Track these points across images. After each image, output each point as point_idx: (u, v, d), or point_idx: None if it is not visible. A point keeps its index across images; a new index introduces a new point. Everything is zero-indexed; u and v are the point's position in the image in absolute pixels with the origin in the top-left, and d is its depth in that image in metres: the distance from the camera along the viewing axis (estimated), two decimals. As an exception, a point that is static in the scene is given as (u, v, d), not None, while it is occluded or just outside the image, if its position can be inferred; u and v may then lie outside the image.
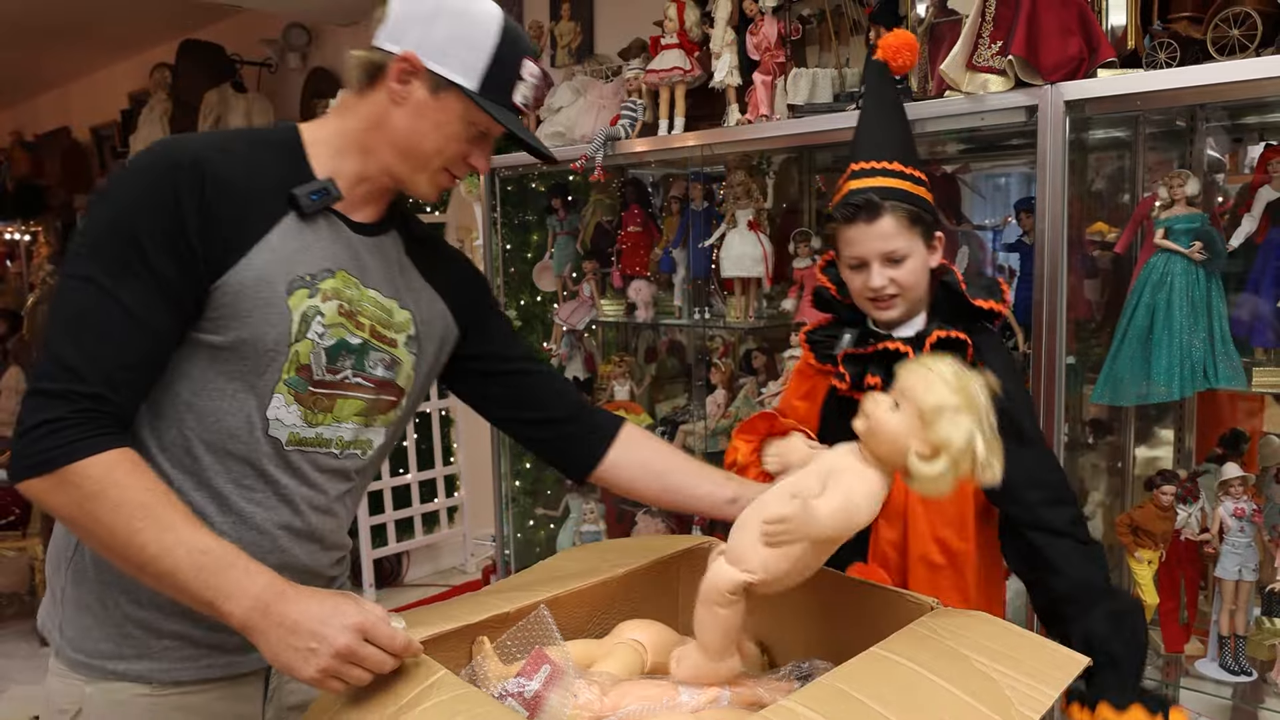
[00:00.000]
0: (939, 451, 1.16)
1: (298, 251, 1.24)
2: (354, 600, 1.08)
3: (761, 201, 2.81)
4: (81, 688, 1.26)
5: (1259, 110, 2.18)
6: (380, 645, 1.05)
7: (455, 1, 1.25)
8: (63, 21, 5.90)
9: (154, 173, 1.17)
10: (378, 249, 1.36)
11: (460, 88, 1.25)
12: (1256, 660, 2.03)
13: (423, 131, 1.27)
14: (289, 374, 1.24)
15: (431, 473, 4.62)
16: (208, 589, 1.06)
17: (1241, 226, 2.00)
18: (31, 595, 4.35)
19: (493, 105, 1.27)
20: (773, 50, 2.56)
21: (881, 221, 1.61)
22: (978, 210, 2.81)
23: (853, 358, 1.67)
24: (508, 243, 3.62)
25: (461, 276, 1.51)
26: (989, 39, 2.04)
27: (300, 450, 1.29)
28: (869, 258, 1.62)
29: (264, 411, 1.24)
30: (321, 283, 1.26)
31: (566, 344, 3.51)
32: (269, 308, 1.21)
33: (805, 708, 0.97)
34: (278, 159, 1.26)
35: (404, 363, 1.38)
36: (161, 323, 1.16)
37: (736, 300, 2.89)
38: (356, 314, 1.30)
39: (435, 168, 1.31)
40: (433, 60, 1.24)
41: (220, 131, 1.34)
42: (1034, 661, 1.12)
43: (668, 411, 3.35)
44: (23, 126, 8.60)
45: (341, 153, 1.29)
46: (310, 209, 1.25)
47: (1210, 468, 2.17)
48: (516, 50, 1.28)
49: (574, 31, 3.47)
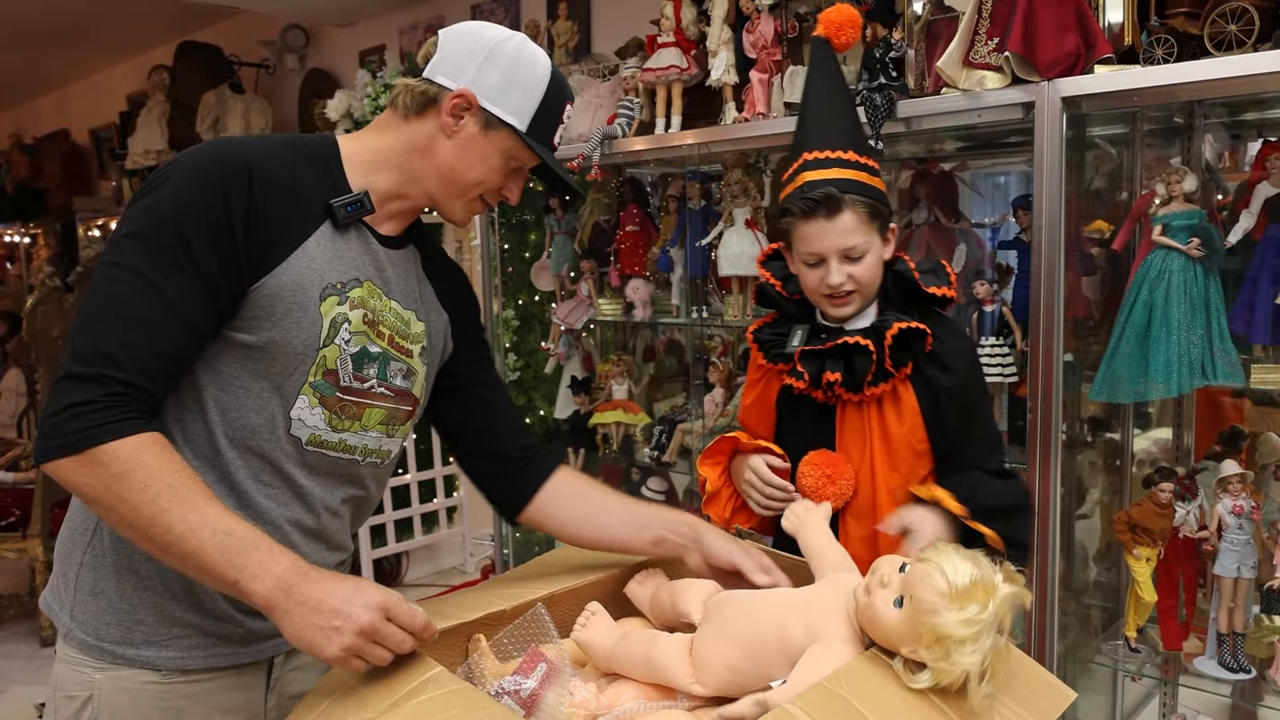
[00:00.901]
0: (928, 667, 1.04)
1: (331, 260, 1.29)
2: (372, 583, 1.11)
3: (759, 200, 2.81)
4: (91, 674, 1.28)
5: (1257, 106, 2.18)
6: (401, 624, 1.08)
7: (510, 46, 1.34)
8: (61, 24, 5.91)
9: (207, 171, 1.20)
10: (400, 262, 1.41)
11: (511, 127, 1.33)
12: (1255, 658, 2.03)
13: (469, 163, 1.34)
14: (315, 377, 1.28)
15: (430, 473, 4.62)
16: (232, 568, 1.09)
17: (1239, 223, 2.00)
18: (32, 596, 4.34)
19: (539, 146, 1.36)
20: (769, 48, 2.56)
21: (842, 217, 1.56)
22: (975, 208, 2.80)
23: (810, 354, 1.64)
24: (505, 242, 3.62)
25: (463, 295, 1.55)
26: (985, 36, 2.04)
27: (321, 452, 1.32)
28: (828, 254, 1.58)
29: (288, 411, 1.28)
30: (350, 291, 1.31)
31: (564, 343, 3.51)
32: (302, 312, 1.25)
33: (804, 713, 0.97)
34: (317, 169, 1.31)
35: (419, 373, 1.43)
36: (200, 318, 1.19)
37: (734, 299, 2.88)
38: (379, 323, 1.34)
39: (472, 196, 1.39)
40: (487, 100, 1.32)
41: (268, 136, 1.40)
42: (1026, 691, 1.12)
43: (666, 410, 3.35)
44: (22, 129, 8.61)
45: (377, 169, 1.35)
46: (345, 220, 1.30)
47: (1209, 465, 2.17)
48: (562, 96, 1.38)
49: (571, 31, 3.48)
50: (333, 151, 1.35)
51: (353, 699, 1.07)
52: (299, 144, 1.34)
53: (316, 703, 1.12)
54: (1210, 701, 2.17)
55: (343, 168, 1.34)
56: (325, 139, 1.37)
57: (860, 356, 1.59)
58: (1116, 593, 2.38)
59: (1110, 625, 2.36)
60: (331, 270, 1.29)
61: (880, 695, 1.02)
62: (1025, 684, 1.13)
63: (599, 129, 2.90)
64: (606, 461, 3.37)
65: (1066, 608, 2.22)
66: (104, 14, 5.71)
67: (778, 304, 1.76)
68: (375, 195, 1.35)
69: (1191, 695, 2.21)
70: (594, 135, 2.90)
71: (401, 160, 1.35)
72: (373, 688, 1.08)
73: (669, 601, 1.34)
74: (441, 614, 1.28)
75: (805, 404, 1.69)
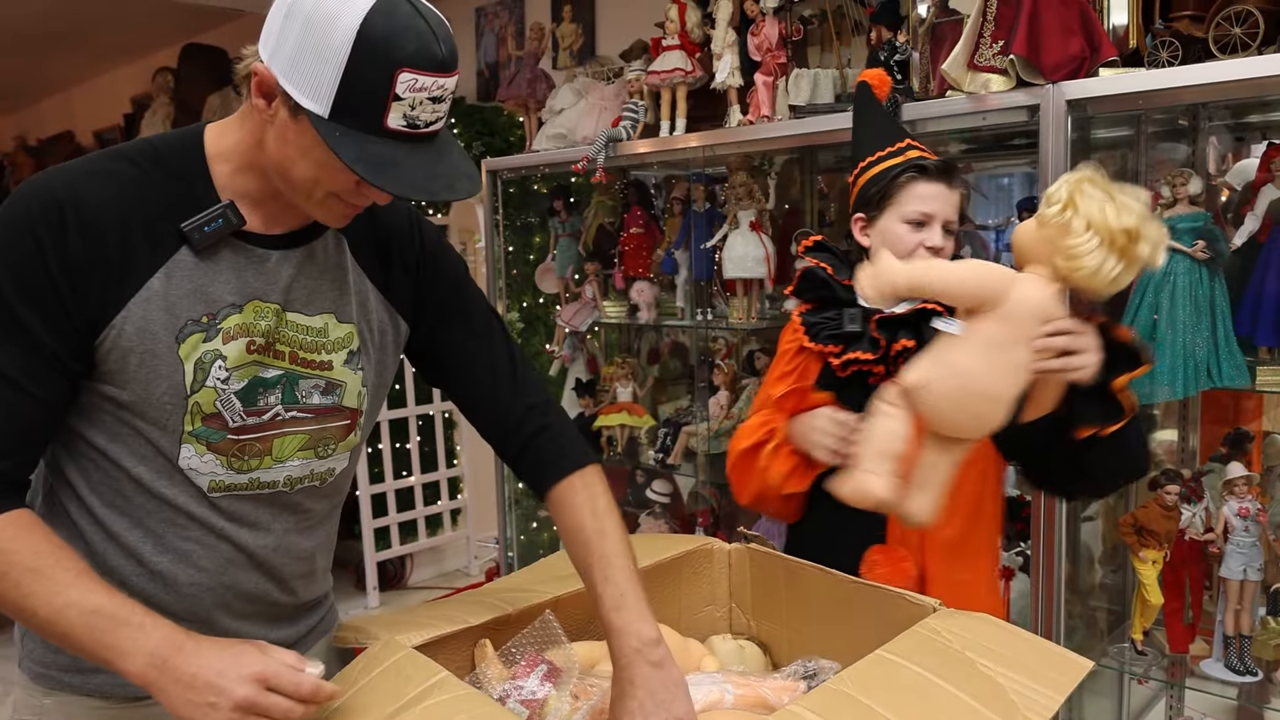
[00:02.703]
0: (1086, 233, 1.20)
1: (190, 294, 1.11)
2: (259, 648, 1.02)
3: (763, 202, 2.81)
4: (41, 699, 1.23)
5: (1262, 109, 2.18)
6: (285, 693, 0.99)
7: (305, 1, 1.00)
8: (65, 27, 5.92)
9: (14, 219, 1.05)
10: (307, 260, 1.19)
11: (308, 112, 1.01)
12: (1262, 660, 2.02)
13: (291, 158, 1.07)
14: (193, 425, 1.13)
15: (435, 475, 4.62)
16: (103, 648, 1.01)
17: (1244, 225, 2.00)
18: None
19: (349, 136, 1.00)
20: (774, 51, 2.56)
21: (954, 192, 1.62)
22: (980, 210, 2.81)
23: (886, 322, 1.59)
24: (510, 245, 3.62)
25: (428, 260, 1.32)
26: (990, 38, 2.04)
27: (231, 495, 1.19)
28: (938, 216, 1.60)
29: (176, 462, 1.15)
30: (223, 322, 1.13)
31: (569, 346, 3.51)
32: (157, 360, 1.10)
33: (813, 713, 0.97)
34: (173, 179, 1.11)
35: (347, 383, 1.24)
36: (41, 387, 1.06)
37: (739, 301, 2.88)
38: (273, 344, 1.17)
39: (318, 197, 1.10)
40: (284, 76, 1.01)
41: (111, 152, 1.13)
42: (1038, 665, 1.12)
43: (670, 413, 3.35)
44: (26, 131, 8.61)
45: (242, 170, 1.13)
46: (203, 243, 1.10)
47: (1214, 467, 2.17)
48: (389, 61, 0.98)
49: (575, 33, 3.48)
50: (196, 153, 1.13)
51: (356, 705, 1.07)
52: (154, 152, 1.13)
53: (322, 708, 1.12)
54: (1216, 704, 2.16)
55: (209, 171, 1.13)
56: (189, 136, 1.15)
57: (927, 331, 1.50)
58: (1122, 595, 2.38)
59: (1116, 628, 2.35)
60: (191, 304, 1.11)
61: (893, 696, 1.02)
62: (1037, 660, 1.13)
63: (604, 131, 2.91)
64: (611, 464, 3.37)
65: (1073, 610, 2.22)
66: (108, 17, 5.72)
67: (829, 287, 1.70)
68: (248, 200, 1.13)
69: (1198, 698, 2.21)
70: (599, 138, 2.90)
71: (254, 157, 1.12)
72: (377, 694, 1.08)
73: None
74: (446, 618, 1.28)
75: (849, 387, 1.63)
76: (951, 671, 1.08)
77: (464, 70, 4.47)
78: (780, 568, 1.46)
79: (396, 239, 1.29)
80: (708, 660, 1.39)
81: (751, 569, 1.51)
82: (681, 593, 1.52)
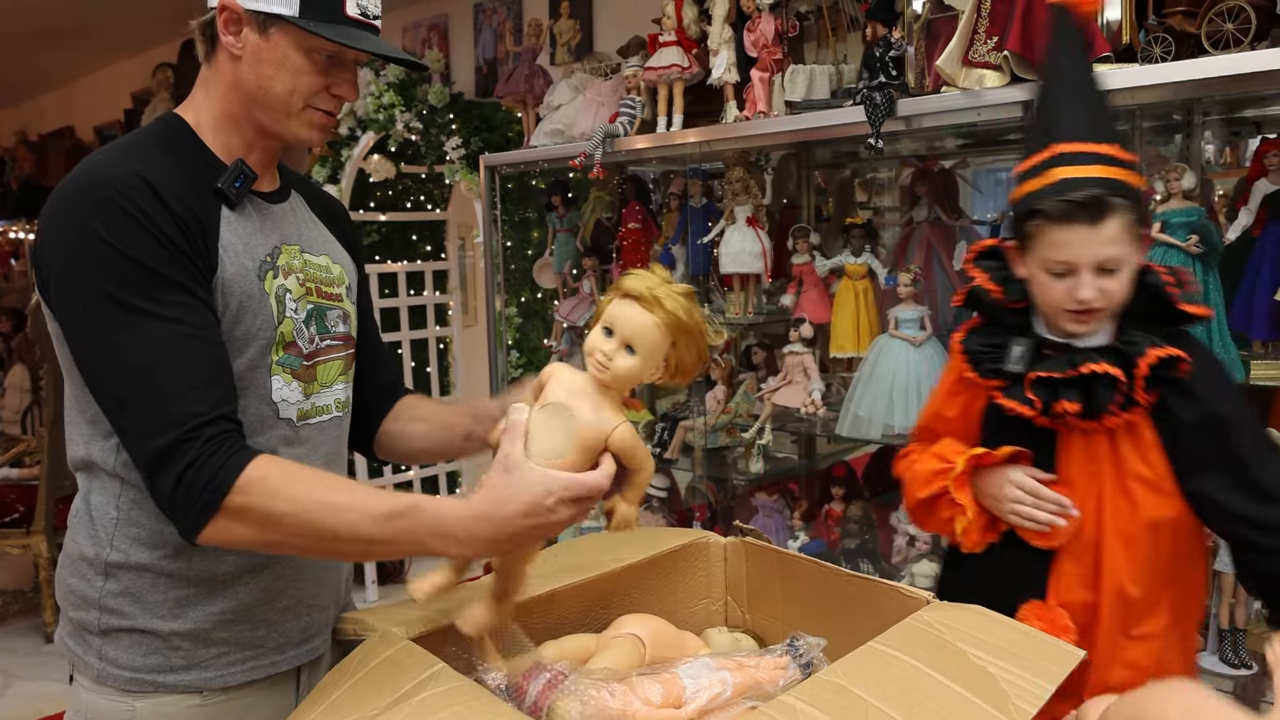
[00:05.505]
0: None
1: (248, 239, 1.26)
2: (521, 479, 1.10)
3: (760, 198, 2.82)
4: (131, 702, 1.26)
5: (1256, 103, 2.18)
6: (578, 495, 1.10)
7: None
8: (65, 22, 5.91)
9: (104, 206, 1.14)
10: (293, 214, 1.37)
11: (282, 17, 1.20)
12: (1257, 654, 2.04)
13: (270, 76, 1.24)
14: (278, 354, 1.27)
15: (433, 469, 4.64)
16: (417, 546, 1.12)
17: (1238, 219, 2.01)
18: (36, 592, 4.36)
19: (321, 25, 1.21)
20: (770, 47, 2.57)
21: (1106, 225, 1.35)
22: (975, 205, 2.81)
23: (1044, 381, 1.43)
24: (508, 240, 3.63)
25: (349, 227, 1.52)
26: (985, 34, 2.05)
27: (311, 425, 1.33)
28: (1081, 265, 1.37)
29: (270, 397, 1.27)
30: (278, 261, 1.29)
31: (567, 340, 3.52)
32: (251, 299, 1.23)
33: (806, 704, 0.98)
34: (187, 154, 1.25)
35: (351, 314, 1.43)
36: (217, 333, 1.19)
37: (736, 296, 2.89)
38: (307, 280, 1.33)
39: (297, 109, 1.27)
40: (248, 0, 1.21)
41: (125, 142, 1.26)
42: (1030, 655, 1.13)
43: (668, 408, 3.36)
44: (27, 126, 8.61)
45: (226, 130, 1.28)
46: (238, 198, 1.26)
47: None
48: None
49: (573, 29, 3.48)
50: (185, 130, 1.28)
51: (355, 696, 1.08)
52: (155, 139, 1.26)
53: (319, 700, 1.13)
54: (1210, 697, 2.17)
55: (204, 143, 1.27)
56: (170, 120, 1.29)
57: (1103, 386, 1.39)
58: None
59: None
60: (254, 249, 1.26)
61: (885, 687, 1.03)
62: (1029, 651, 1.14)
63: (601, 127, 2.92)
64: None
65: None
66: (108, 12, 5.72)
67: (994, 312, 1.54)
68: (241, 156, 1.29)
69: (1191, 691, 2.21)
70: (596, 133, 2.91)
71: (229, 107, 1.27)
72: (375, 685, 1.09)
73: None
74: (441, 611, 1.28)
75: (1020, 426, 1.49)
76: (943, 662, 1.09)
77: (463, 66, 4.48)
78: (775, 561, 1.47)
79: (336, 215, 1.50)
80: (703, 653, 1.40)
81: (747, 562, 1.52)
82: (677, 586, 1.53)
